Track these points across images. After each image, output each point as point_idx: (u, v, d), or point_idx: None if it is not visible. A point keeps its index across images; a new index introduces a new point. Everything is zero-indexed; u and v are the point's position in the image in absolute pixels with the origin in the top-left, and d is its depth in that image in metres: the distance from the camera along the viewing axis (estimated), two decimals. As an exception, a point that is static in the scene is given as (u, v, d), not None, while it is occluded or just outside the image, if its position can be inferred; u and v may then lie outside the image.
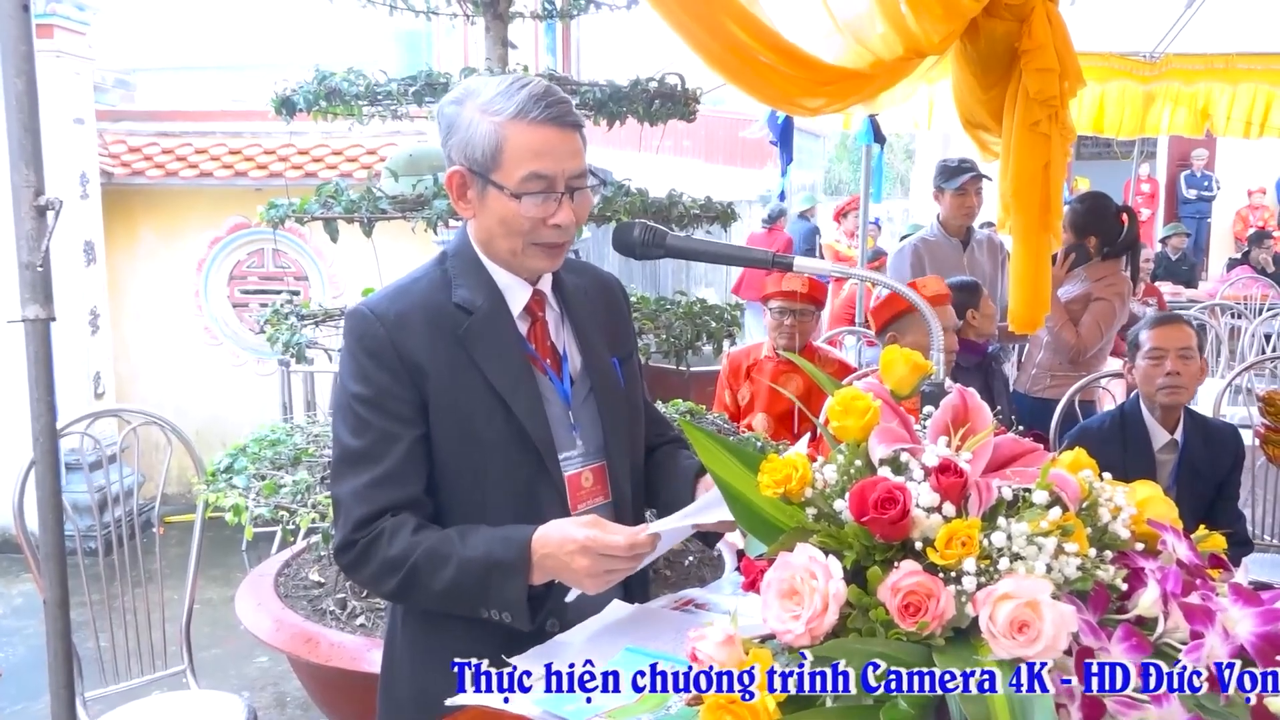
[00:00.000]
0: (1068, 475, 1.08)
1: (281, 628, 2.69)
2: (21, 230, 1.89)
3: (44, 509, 2.06)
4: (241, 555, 5.15)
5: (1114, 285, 3.99)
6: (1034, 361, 4.16)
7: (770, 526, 1.13)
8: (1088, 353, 4.00)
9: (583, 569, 1.41)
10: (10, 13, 1.81)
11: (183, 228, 6.32)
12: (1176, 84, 6.09)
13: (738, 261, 1.63)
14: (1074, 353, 3.97)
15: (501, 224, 1.54)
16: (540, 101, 1.50)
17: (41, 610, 2.20)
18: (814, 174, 18.03)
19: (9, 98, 1.84)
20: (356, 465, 1.54)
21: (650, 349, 2.93)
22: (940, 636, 0.97)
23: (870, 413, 1.13)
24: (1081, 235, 4.00)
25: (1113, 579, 1.03)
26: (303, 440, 3.04)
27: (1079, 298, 4.00)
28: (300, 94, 2.97)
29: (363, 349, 1.55)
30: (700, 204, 3.11)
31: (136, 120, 6.42)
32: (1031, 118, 3.23)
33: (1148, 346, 2.98)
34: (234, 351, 6.39)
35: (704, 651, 1.00)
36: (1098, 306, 3.97)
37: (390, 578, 1.50)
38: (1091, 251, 4.02)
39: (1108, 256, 4.04)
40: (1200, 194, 12.81)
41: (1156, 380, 2.95)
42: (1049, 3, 3.28)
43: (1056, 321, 3.92)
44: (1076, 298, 4.00)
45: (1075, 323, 3.98)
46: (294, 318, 3.09)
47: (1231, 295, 8.51)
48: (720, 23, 2.67)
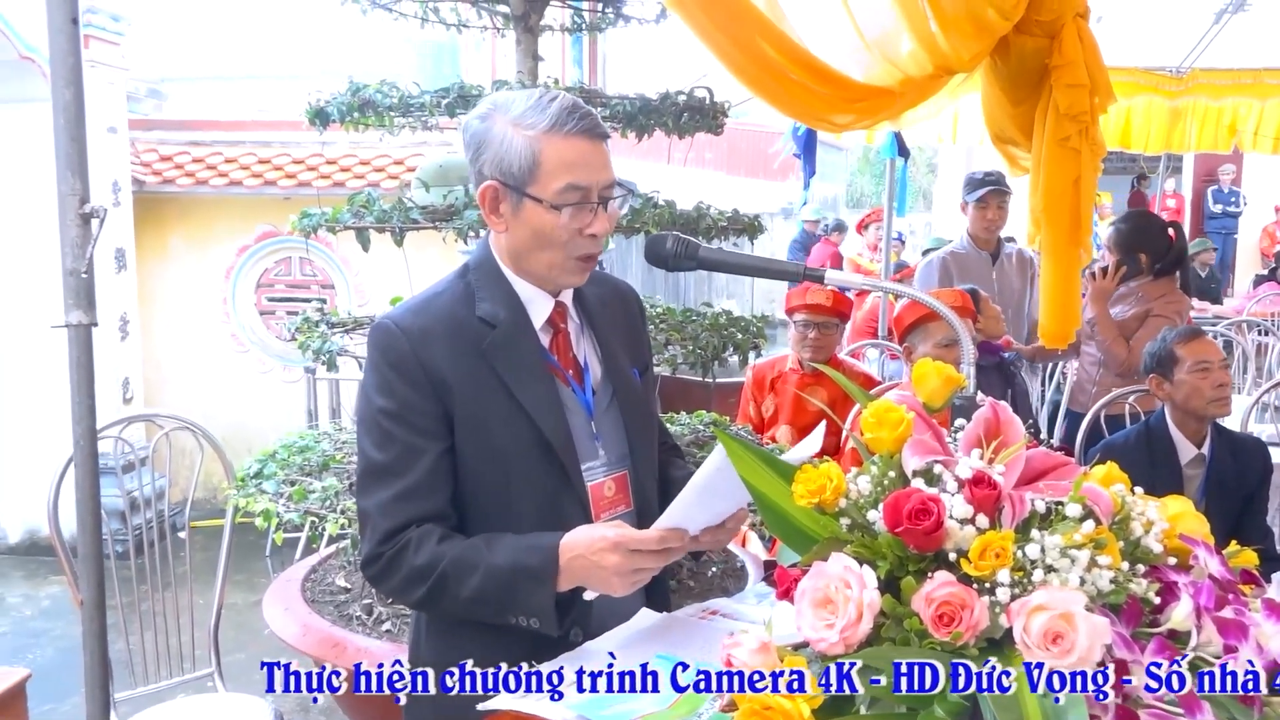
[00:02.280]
0: (1100, 489, 1.10)
1: (308, 633, 2.71)
2: (67, 237, 1.93)
3: (83, 511, 2.09)
4: (265, 561, 5.19)
5: (1175, 303, 3.97)
6: (1091, 379, 4.12)
7: (804, 536, 1.15)
8: (1141, 369, 3.98)
9: (612, 566, 1.43)
10: (60, 26, 1.86)
11: (212, 235, 6.39)
12: (1204, 99, 6.06)
13: (769, 274, 1.64)
14: (1124, 368, 3.94)
15: (537, 236, 1.56)
16: (573, 114, 1.52)
17: (69, 612, 2.24)
18: (836, 187, 18.01)
19: (57, 108, 1.88)
20: (382, 478, 1.55)
21: (677, 360, 2.94)
22: (974, 647, 0.98)
23: (904, 425, 1.14)
24: (1128, 254, 3.96)
25: (1145, 592, 1.04)
26: (330, 447, 3.07)
27: (1136, 315, 3.97)
28: (334, 105, 3.00)
29: (387, 363, 1.57)
30: (728, 216, 3.13)
31: (168, 129, 6.50)
32: (1062, 133, 3.23)
33: (1192, 361, 2.97)
34: (260, 358, 6.45)
35: (739, 658, 1.02)
36: (1156, 323, 3.93)
37: (418, 587, 1.52)
38: (1143, 267, 3.99)
39: (1160, 274, 4.01)
40: (1226, 209, 12.71)
41: (1207, 393, 2.95)
42: (1080, 19, 3.28)
43: (1108, 336, 3.90)
44: (1134, 315, 3.98)
45: (1128, 339, 3.95)
46: (324, 325, 3.12)
47: (1259, 312, 8.43)
48: (751, 39, 2.68)
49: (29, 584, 5.25)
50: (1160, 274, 4.00)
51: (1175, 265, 4.04)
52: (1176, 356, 3.00)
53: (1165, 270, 4.01)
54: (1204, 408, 2.96)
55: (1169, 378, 3.01)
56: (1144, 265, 3.99)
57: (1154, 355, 3.08)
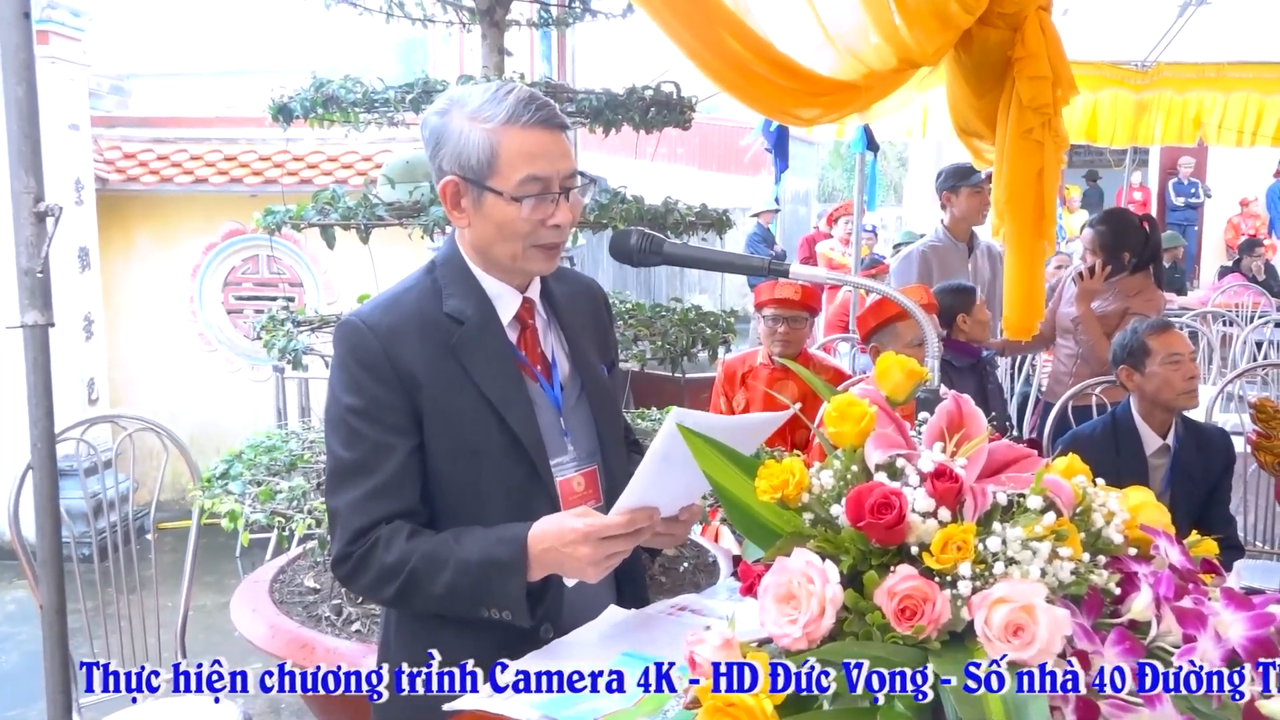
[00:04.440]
0: (1061, 481, 1.10)
1: (277, 634, 2.69)
2: (21, 237, 1.90)
3: (41, 515, 2.06)
4: (235, 562, 5.14)
5: (1152, 301, 4.00)
6: (1068, 372, 4.15)
7: (767, 531, 1.14)
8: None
9: (585, 557, 1.43)
10: (11, 20, 1.82)
11: (177, 234, 6.31)
12: (1169, 93, 6.12)
13: (735, 269, 1.64)
14: (1107, 365, 3.97)
15: (499, 229, 1.55)
16: (529, 105, 1.52)
17: (35, 616, 2.20)
18: (808, 181, 18.07)
19: (9, 104, 1.85)
20: (351, 477, 1.54)
21: (646, 355, 2.94)
22: (936, 640, 0.98)
23: (866, 419, 1.14)
24: (1114, 254, 3.99)
25: (1106, 583, 1.04)
26: (298, 446, 3.05)
27: (1114, 312, 4.01)
28: (297, 101, 2.98)
29: (356, 360, 1.55)
30: (696, 211, 3.13)
31: (131, 126, 6.42)
32: (1025, 125, 3.26)
33: (1166, 353, 2.99)
34: (228, 358, 6.38)
35: (702, 655, 1.01)
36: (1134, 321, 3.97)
37: (389, 584, 1.51)
38: (1126, 265, 4.02)
39: (1137, 268, 4.04)
40: (1188, 201, 12.87)
41: (1178, 385, 2.97)
42: (1042, 11, 3.31)
43: (1093, 336, 3.92)
44: (1112, 312, 4.01)
45: (1109, 335, 3.98)
46: (290, 324, 3.09)
47: (1223, 303, 8.54)
48: (715, 33, 2.68)
49: (-7, 588, 5.18)
50: (1137, 268, 4.04)
51: (1151, 258, 4.08)
52: (1149, 348, 3.02)
53: (1141, 264, 4.04)
54: (1174, 399, 2.99)
55: (1140, 369, 3.03)
56: (1127, 263, 4.02)
57: (1124, 347, 3.09)
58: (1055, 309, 4.19)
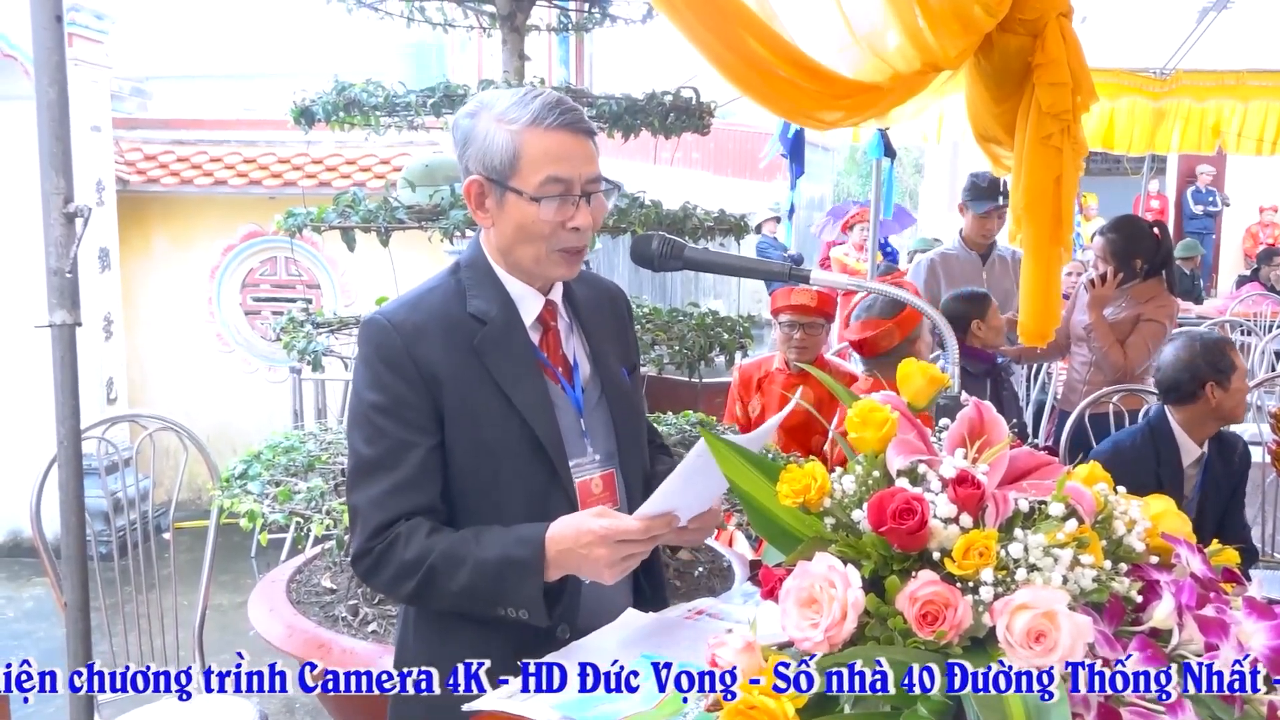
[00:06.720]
0: (1083, 488, 1.10)
1: (293, 634, 2.71)
2: (50, 237, 1.92)
3: (66, 512, 2.08)
4: (250, 562, 5.17)
5: (1165, 307, 3.99)
6: (1082, 380, 4.14)
7: (789, 536, 1.15)
8: (1135, 371, 4.00)
9: (602, 559, 1.44)
10: (44, 24, 1.85)
11: (196, 235, 6.35)
12: (1187, 101, 6.09)
13: (756, 274, 1.65)
14: (1121, 372, 3.96)
15: (520, 230, 1.57)
16: (554, 109, 1.54)
17: (52, 614, 2.22)
18: (823, 187, 18.01)
19: (41, 106, 1.87)
20: (373, 473, 1.56)
21: (663, 360, 2.95)
22: (957, 645, 0.98)
23: (888, 424, 1.15)
24: (1125, 262, 3.98)
25: (1128, 591, 1.04)
26: (316, 447, 3.06)
27: (1127, 319, 4.00)
28: (319, 104, 3.00)
29: (379, 358, 1.57)
30: (714, 216, 3.13)
31: (152, 128, 6.46)
32: (1044, 131, 3.24)
33: (1241, 369, 2.99)
34: (245, 359, 6.42)
35: (724, 658, 1.02)
36: (1148, 328, 3.95)
37: (407, 581, 1.53)
38: (1138, 271, 4.01)
39: (1149, 275, 4.03)
40: (1206, 209, 12.79)
41: (1244, 399, 2.99)
42: (1063, 18, 3.30)
43: (1105, 343, 3.92)
44: (1124, 319, 4.00)
45: (1121, 342, 3.97)
46: (309, 325, 3.11)
47: (1241, 312, 8.48)
48: (738, 36, 2.68)
49: (12, 586, 5.21)
50: (1149, 275, 4.03)
51: (1163, 265, 4.07)
52: (1235, 365, 2.99)
53: (1153, 270, 4.03)
54: (1239, 412, 3.00)
55: (1224, 385, 2.98)
56: (1138, 270, 4.01)
57: (1210, 364, 2.98)
58: (1069, 317, 4.19)
